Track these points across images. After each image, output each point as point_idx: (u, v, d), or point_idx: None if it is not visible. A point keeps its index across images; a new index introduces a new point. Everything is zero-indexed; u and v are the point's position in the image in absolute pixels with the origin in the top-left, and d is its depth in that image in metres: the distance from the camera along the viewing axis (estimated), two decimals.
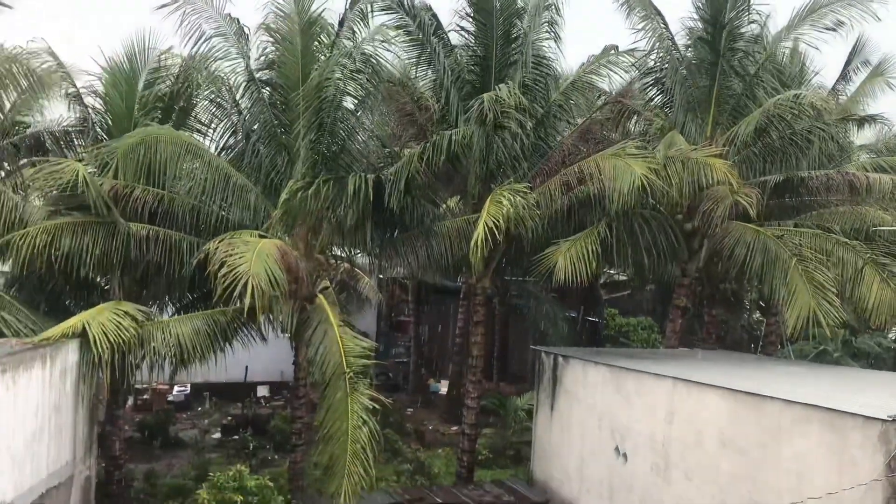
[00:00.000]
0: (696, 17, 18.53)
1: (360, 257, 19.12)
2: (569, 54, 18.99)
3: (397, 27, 17.16)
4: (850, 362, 21.65)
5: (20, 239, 13.59)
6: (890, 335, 24.02)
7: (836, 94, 22.27)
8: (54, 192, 14.18)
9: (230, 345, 15.12)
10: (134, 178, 14.54)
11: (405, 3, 17.00)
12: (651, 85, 19.60)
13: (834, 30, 18.09)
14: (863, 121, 19.68)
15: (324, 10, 15.62)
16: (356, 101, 16.50)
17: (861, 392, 12.52)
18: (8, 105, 17.51)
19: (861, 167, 19.22)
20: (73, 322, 12.67)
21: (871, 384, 14.11)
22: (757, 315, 27.03)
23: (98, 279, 16.08)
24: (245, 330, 15.44)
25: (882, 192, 17.42)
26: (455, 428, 21.97)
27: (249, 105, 16.48)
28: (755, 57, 18.72)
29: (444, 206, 19.31)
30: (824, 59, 20.54)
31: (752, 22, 18.71)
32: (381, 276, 25.01)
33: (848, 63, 22.76)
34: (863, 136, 23.45)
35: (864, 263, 15.77)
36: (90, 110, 16.83)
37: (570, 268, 15.57)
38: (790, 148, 18.27)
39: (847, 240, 16.47)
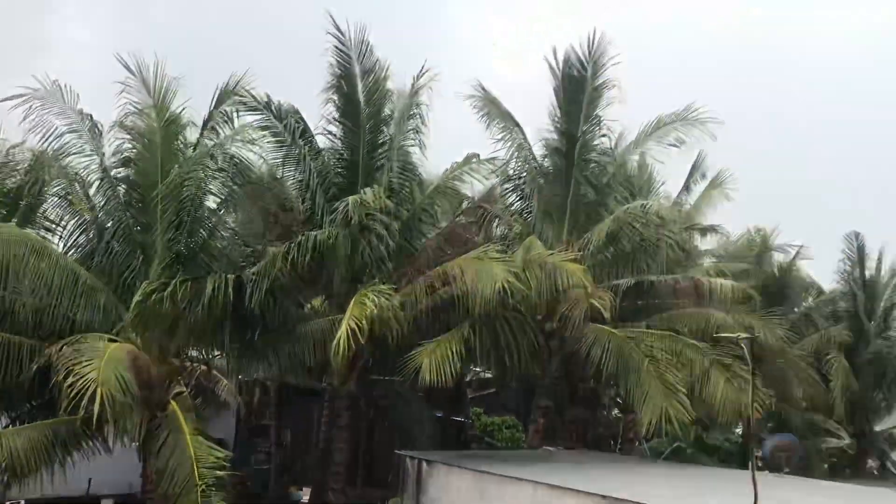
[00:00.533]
0: (552, 129, 19.69)
1: (219, 359, 18.38)
2: (434, 160, 19.59)
3: (264, 128, 17.22)
4: (702, 458, 22.48)
5: None
6: (737, 431, 25.22)
7: (680, 204, 23.99)
8: None
9: (70, 456, 13.99)
10: None
11: (272, 105, 17.12)
12: (511, 191, 20.54)
13: (676, 146, 19.68)
14: (704, 230, 21.18)
15: (184, 108, 15.48)
16: (219, 200, 16.22)
17: (713, 492, 12.99)
18: None
19: (705, 272, 20.61)
20: None
21: (720, 484, 14.68)
22: (615, 412, 27.79)
23: None
24: (88, 440, 14.35)
25: (723, 296, 18.63)
26: None
27: (103, 202, 15.87)
28: (607, 168, 19.99)
29: (309, 306, 19.05)
30: (669, 170, 22.19)
31: (604, 135, 20.17)
32: (241, 379, 24.11)
33: (690, 175, 24.67)
34: (706, 242, 25.20)
35: (711, 364, 16.73)
36: None
37: (436, 368, 15.62)
38: (640, 253, 19.38)
39: (694, 341, 17.43)
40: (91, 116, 15.63)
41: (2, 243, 13.47)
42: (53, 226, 16.33)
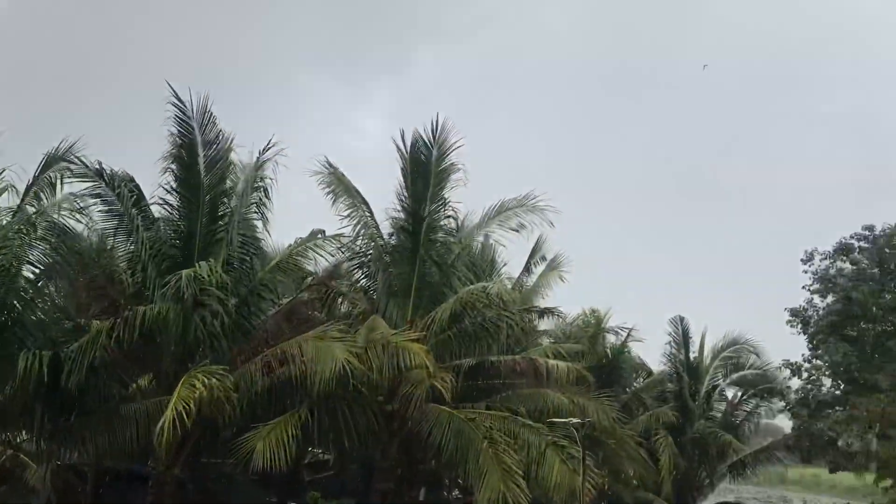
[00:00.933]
0: (399, 208, 19.85)
1: (27, 443, 16.80)
2: (279, 235, 19.20)
3: (94, 196, 16.27)
4: None
5: None
6: None
7: (522, 285, 24.71)
8: None
9: None
10: None
11: (104, 172, 16.22)
12: (356, 268, 20.42)
13: (517, 231, 20.36)
14: (543, 312, 21.84)
15: (3, 170, 14.42)
16: (37, 271, 15.05)
17: None
18: None
19: (543, 353, 21.15)
20: None
21: None
22: (456, 493, 27.62)
23: None
24: None
25: (559, 377, 19.14)
26: None
27: None
28: (452, 248, 20.31)
29: (135, 385, 17.84)
30: (512, 249, 22.83)
31: (449, 216, 20.49)
32: (55, 463, 22.09)
33: (531, 257, 25.55)
34: (545, 323, 25.96)
35: (547, 445, 17.01)
36: None
37: (270, 452, 15.04)
38: (482, 334, 19.63)
39: (532, 422, 17.76)
40: None
41: None
42: None
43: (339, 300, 20.10)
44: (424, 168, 19.61)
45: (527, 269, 25.26)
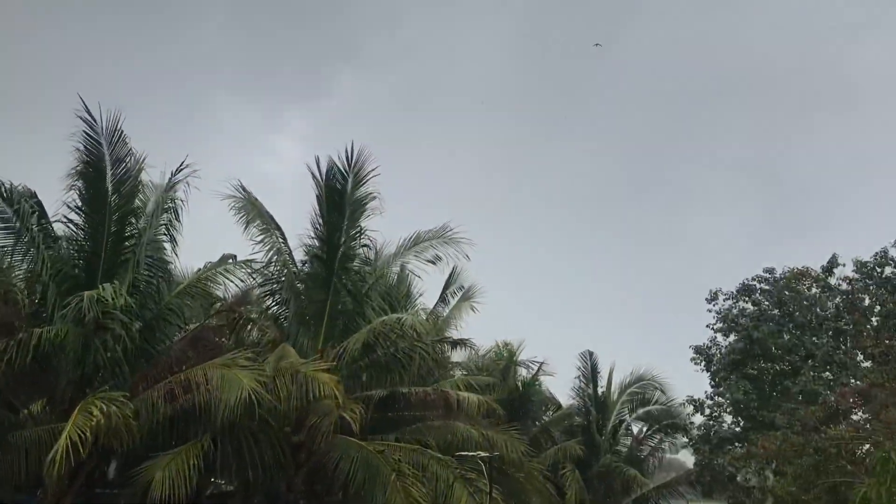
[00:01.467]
0: (312, 235, 19.68)
1: None
2: (188, 258, 18.68)
3: None
4: None
5: None
6: None
7: (437, 315, 24.73)
8: None
9: None
10: None
11: (2, 188, 15.53)
12: (268, 295, 20.05)
13: (433, 262, 20.44)
14: (456, 343, 21.88)
15: None
16: None
17: None
18: None
19: (455, 384, 21.16)
20: None
21: None
22: None
23: None
24: None
25: (470, 409, 19.17)
26: None
27: None
28: (366, 278, 20.20)
29: (27, 411, 16.95)
30: (428, 279, 22.85)
31: (365, 245, 20.41)
32: None
33: (446, 287, 25.60)
34: (457, 354, 26.01)
35: (455, 479, 16.99)
36: None
37: (169, 483, 14.51)
38: (394, 364, 19.52)
39: (441, 455, 17.70)
40: None
41: None
42: None
43: (249, 327, 19.63)
44: (340, 196, 19.47)
45: (442, 300, 25.32)
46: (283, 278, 19.58)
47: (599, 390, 29.98)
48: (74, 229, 16.77)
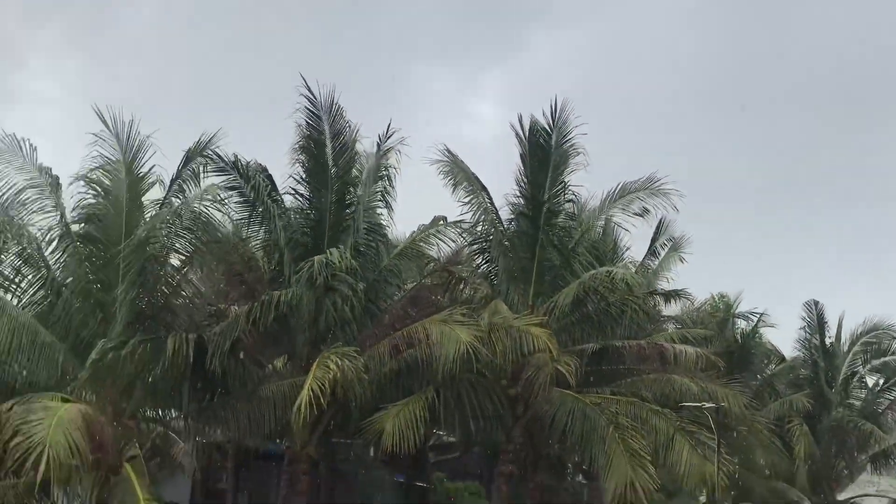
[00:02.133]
0: (517, 193, 19.86)
1: (175, 421, 17.92)
2: (401, 222, 19.65)
3: (231, 188, 17.14)
4: None
5: None
6: (701, 498, 25.08)
7: (646, 269, 24.20)
8: None
9: None
10: None
11: (239, 165, 17.06)
12: (477, 254, 20.60)
13: (640, 215, 19.98)
14: (668, 295, 21.34)
15: (154, 166, 15.41)
16: (183, 259, 16.02)
17: None
18: None
19: (669, 338, 20.67)
20: None
21: None
22: (580, 478, 27.54)
23: None
24: None
25: (687, 362, 18.67)
26: None
27: (62, 258, 15.51)
28: (572, 233, 20.15)
29: (271, 367, 18.72)
30: (633, 231, 22.40)
31: (570, 201, 20.32)
32: (198, 441, 23.48)
33: (654, 240, 24.89)
34: (669, 308, 25.37)
35: (675, 431, 16.70)
36: None
37: (398, 433, 15.45)
38: (605, 318, 19.44)
39: (659, 407, 17.44)
40: (50, 170, 15.40)
41: None
42: (8, 283, 15.89)
43: (462, 285, 20.27)
44: (543, 152, 19.51)
45: (651, 253, 24.68)
46: (492, 237, 19.99)
47: (827, 341, 27.94)
48: (301, 200, 18.10)
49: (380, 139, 18.46)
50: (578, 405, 16.91)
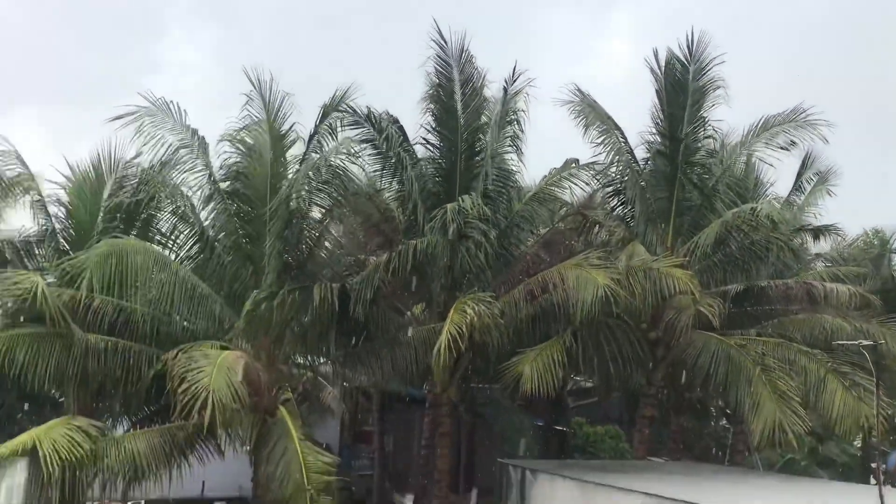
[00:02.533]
0: (653, 131, 19.24)
1: (323, 366, 18.81)
2: (532, 166, 19.45)
3: (364, 141, 17.50)
4: (817, 471, 21.51)
5: None
6: (855, 443, 23.97)
7: (791, 205, 23.00)
8: (10, 304, 13.88)
9: (187, 460, 14.62)
10: (98, 290, 14.29)
11: (372, 117, 17.36)
12: (612, 196, 20.16)
13: (786, 148, 18.91)
14: (817, 231, 20.25)
15: (294, 123, 15.98)
16: (324, 211, 16.63)
17: None
18: None
19: (818, 276, 19.66)
20: (24, 439, 12.24)
21: (838, 498, 13.95)
22: (724, 422, 26.90)
23: (53, 392, 15.59)
24: (203, 444, 14.95)
25: (839, 301, 17.75)
26: None
27: (213, 215, 16.45)
28: (712, 170, 19.36)
29: (410, 314, 19.24)
30: (778, 166, 21.27)
31: (709, 137, 19.50)
32: (345, 385, 24.55)
33: (800, 174, 23.57)
34: (818, 246, 24.06)
35: (827, 372, 15.96)
36: (53, 220, 16.71)
37: (537, 377, 15.50)
38: (749, 258, 18.71)
39: (808, 349, 16.69)
40: (197, 132, 16.23)
41: (125, 255, 14.20)
42: (166, 239, 17.08)
43: (596, 229, 19.99)
44: (680, 87, 18.78)
45: (796, 188, 23.39)
46: (627, 178, 19.50)
47: None
48: (432, 149, 18.25)
49: (506, 83, 18.27)
50: (722, 347, 16.43)
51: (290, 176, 15.77)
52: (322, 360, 18.03)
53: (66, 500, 13.15)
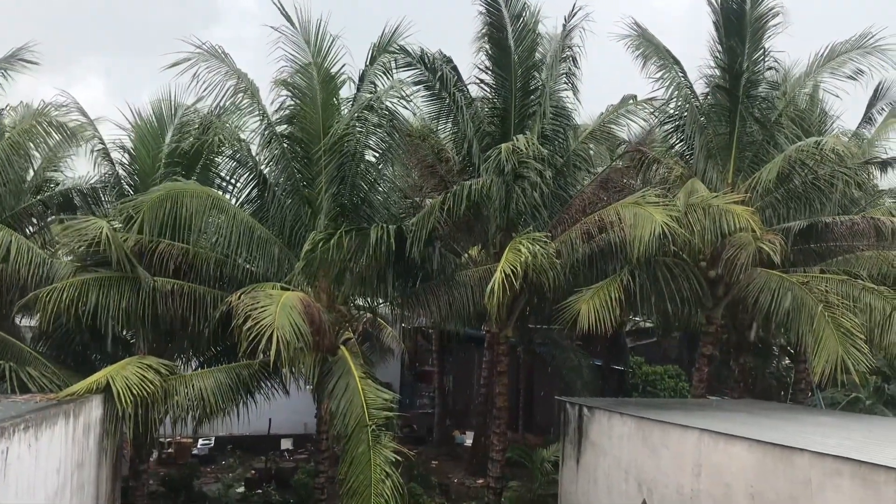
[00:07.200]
0: (713, 64, 18.62)
1: (382, 307, 19.13)
2: (587, 104, 19.14)
3: (417, 82, 17.40)
4: (883, 410, 21.10)
5: (47, 295, 13.83)
6: None
7: (860, 138, 22.17)
8: (81, 248, 14.39)
9: (253, 398, 15.17)
10: (159, 233, 14.76)
11: (425, 58, 17.20)
12: (670, 133, 19.68)
13: (854, 78, 18.09)
14: (886, 165, 19.51)
15: (344, 65, 15.97)
16: (377, 154, 16.72)
17: (894, 444, 12.19)
18: (39, 161, 18.00)
19: (887, 212, 19.00)
20: (98, 377, 12.79)
21: None
22: (786, 361, 26.55)
23: (123, 333, 16.25)
24: (268, 383, 15.49)
25: None
26: (481, 481, 21.66)
27: (271, 159, 16.70)
28: (775, 103, 18.72)
29: (466, 255, 19.34)
30: (845, 99, 20.43)
31: (770, 68, 18.79)
32: (404, 326, 24.98)
33: (871, 105, 22.64)
34: (887, 181, 23.22)
35: (893, 310, 15.52)
36: (117, 166, 17.18)
37: (594, 316, 15.40)
38: (813, 193, 18.16)
39: (874, 286, 16.23)
40: (248, 76, 16.33)
41: (187, 200, 14.58)
42: (226, 183, 17.43)
43: (654, 166, 19.59)
44: (739, 18, 18.01)
45: (866, 120, 22.51)
46: (686, 113, 18.97)
47: None
48: (486, 89, 18.05)
49: (565, 19, 17.88)
50: (784, 284, 16.07)
51: (341, 118, 15.81)
52: (381, 302, 18.31)
53: (140, 435, 13.83)
